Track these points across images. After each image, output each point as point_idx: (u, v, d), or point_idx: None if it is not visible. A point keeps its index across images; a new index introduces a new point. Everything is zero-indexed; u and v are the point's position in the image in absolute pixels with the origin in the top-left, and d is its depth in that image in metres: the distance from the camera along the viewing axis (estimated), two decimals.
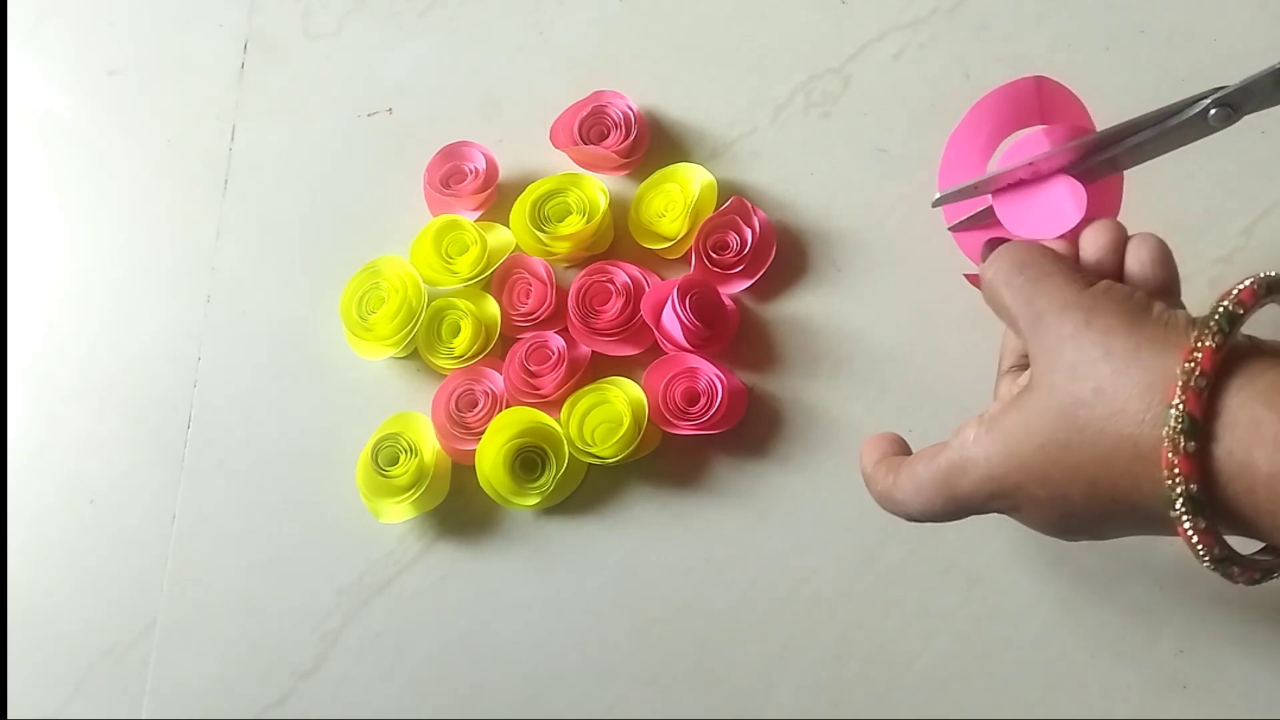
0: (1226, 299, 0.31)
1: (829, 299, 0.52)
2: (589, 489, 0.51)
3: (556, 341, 0.51)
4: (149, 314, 0.56)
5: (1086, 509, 0.33)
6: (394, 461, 0.50)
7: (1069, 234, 0.39)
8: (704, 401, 0.49)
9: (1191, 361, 0.30)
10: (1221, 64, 0.52)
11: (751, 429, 0.51)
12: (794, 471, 0.50)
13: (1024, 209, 0.40)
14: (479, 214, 0.54)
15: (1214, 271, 0.50)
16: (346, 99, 0.58)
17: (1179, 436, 0.30)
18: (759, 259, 0.52)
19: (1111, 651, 0.47)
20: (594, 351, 0.51)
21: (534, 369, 0.50)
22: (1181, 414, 0.30)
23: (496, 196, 0.55)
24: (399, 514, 0.50)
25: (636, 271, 0.52)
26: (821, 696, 0.48)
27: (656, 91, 0.55)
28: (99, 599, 0.53)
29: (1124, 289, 0.34)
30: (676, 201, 0.52)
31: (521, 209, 0.52)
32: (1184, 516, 0.30)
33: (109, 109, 0.60)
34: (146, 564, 0.53)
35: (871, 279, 0.52)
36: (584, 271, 0.52)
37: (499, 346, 0.52)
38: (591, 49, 0.57)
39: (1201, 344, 0.30)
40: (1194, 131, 0.38)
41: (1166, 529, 0.31)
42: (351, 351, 0.53)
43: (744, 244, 0.51)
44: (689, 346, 0.50)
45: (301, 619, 0.52)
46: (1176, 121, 0.38)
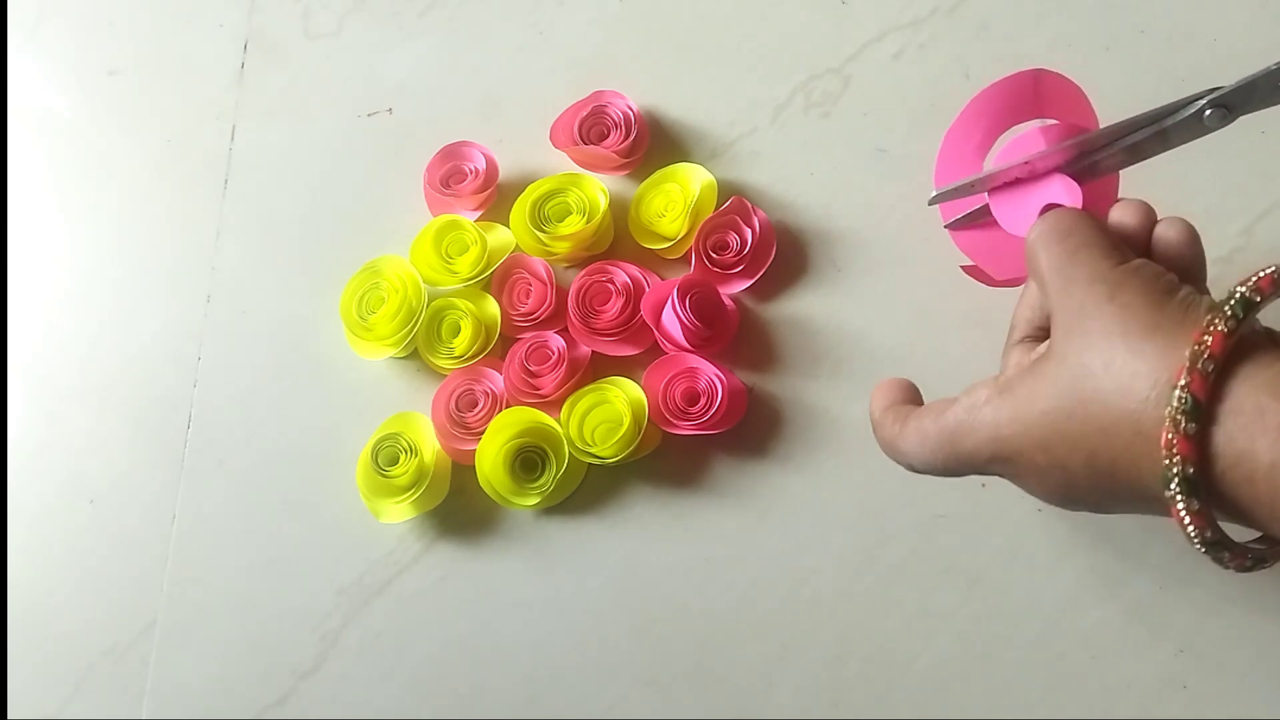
0: (1244, 285, 0.31)
1: (829, 299, 0.52)
2: (589, 489, 0.51)
3: (556, 341, 0.51)
4: (149, 314, 0.56)
5: (1085, 481, 0.33)
6: (394, 461, 0.50)
7: None
8: (704, 401, 0.49)
9: (1201, 344, 0.30)
10: (1221, 64, 0.52)
11: (751, 429, 0.51)
12: (794, 471, 0.50)
13: (1019, 207, 0.40)
14: (479, 214, 0.54)
15: (1214, 271, 0.49)
16: (346, 99, 0.58)
17: (1180, 417, 0.30)
18: (759, 259, 0.52)
19: (1111, 651, 0.47)
20: (594, 351, 0.51)
21: (534, 369, 0.50)
22: (1185, 395, 0.30)
23: (496, 196, 0.55)
24: (399, 514, 0.50)
25: (636, 271, 0.52)
26: (821, 696, 0.48)
27: (656, 91, 0.55)
28: (99, 599, 0.53)
29: (1155, 269, 0.34)
30: (676, 201, 0.52)
31: (521, 209, 0.52)
32: (1178, 497, 0.30)
33: (109, 109, 0.60)
34: (146, 564, 0.53)
35: (871, 279, 0.52)
36: (584, 271, 0.52)
37: (499, 346, 0.52)
38: (591, 49, 0.57)
39: (1214, 328, 0.30)
40: (1190, 132, 0.38)
41: (1161, 509, 0.31)
42: (351, 351, 0.53)
43: (744, 244, 0.51)
44: (689, 346, 0.50)
45: (301, 619, 0.52)
46: (1173, 121, 0.38)
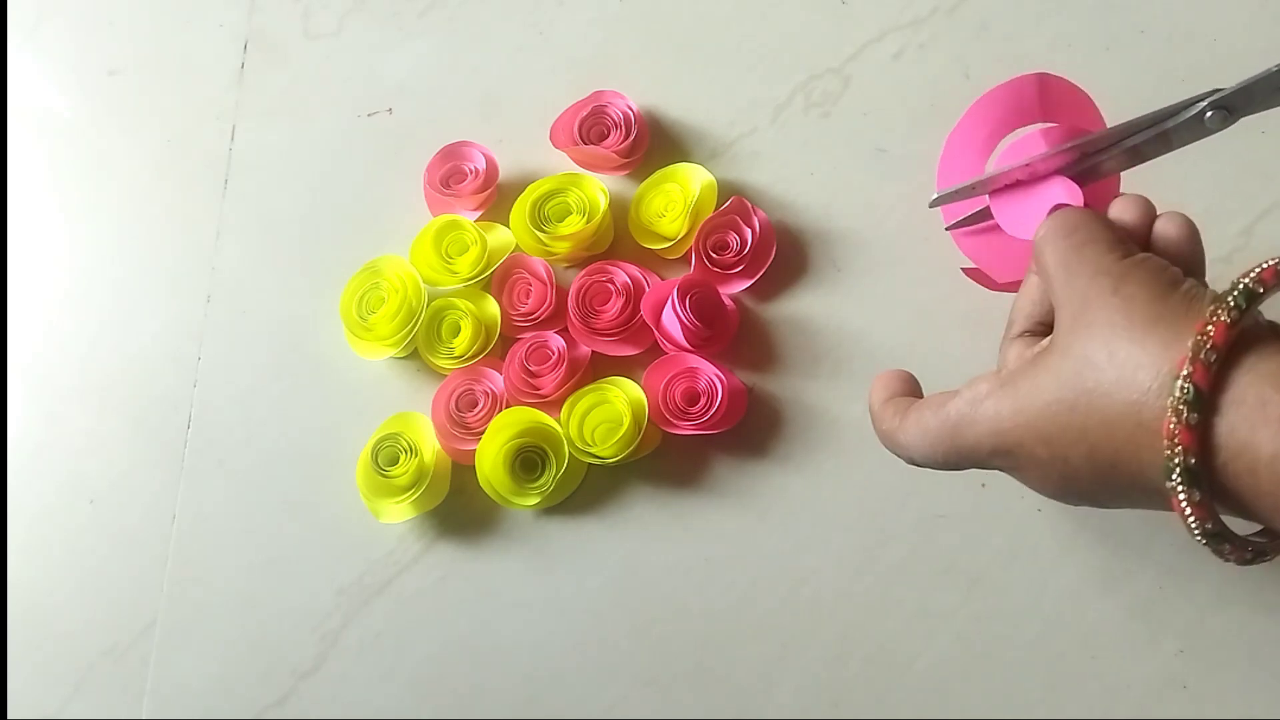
0: (1247, 276, 0.31)
1: (829, 299, 0.52)
2: (589, 489, 0.51)
3: (556, 341, 0.51)
4: (149, 314, 0.56)
5: (1086, 474, 0.33)
6: (394, 461, 0.50)
7: None
8: (704, 401, 0.49)
9: (1204, 335, 0.30)
10: (1221, 64, 0.52)
11: (751, 429, 0.51)
12: (794, 471, 0.50)
13: (1019, 209, 0.40)
14: (479, 214, 0.54)
15: (1214, 271, 0.49)
16: (346, 99, 0.58)
17: (1183, 407, 0.29)
18: (759, 259, 0.52)
19: (1111, 651, 0.47)
20: (594, 351, 0.51)
21: (534, 369, 0.50)
22: (1188, 385, 0.30)
23: (496, 196, 0.55)
24: (399, 514, 0.50)
25: (636, 271, 0.52)
26: (821, 696, 0.48)
27: (656, 91, 0.55)
28: (99, 599, 0.53)
29: (1159, 263, 0.34)
30: (676, 201, 0.52)
31: (521, 209, 0.52)
32: (1179, 488, 0.30)
33: (109, 109, 0.60)
34: (146, 564, 0.53)
35: (871, 279, 0.52)
36: (584, 271, 0.52)
37: (499, 346, 0.52)
38: (591, 49, 0.57)
39: (1216, 318, 0.30)
40: (1191, 133, 0.38)
41: (1163, 502, 0.31)
42: (351, 351, 0.53)
43: (744, 244, 0.51)
44: (689, 346, 0.50)
45: (301, 619, 0.52)
46: (1174, 123, 0.38)
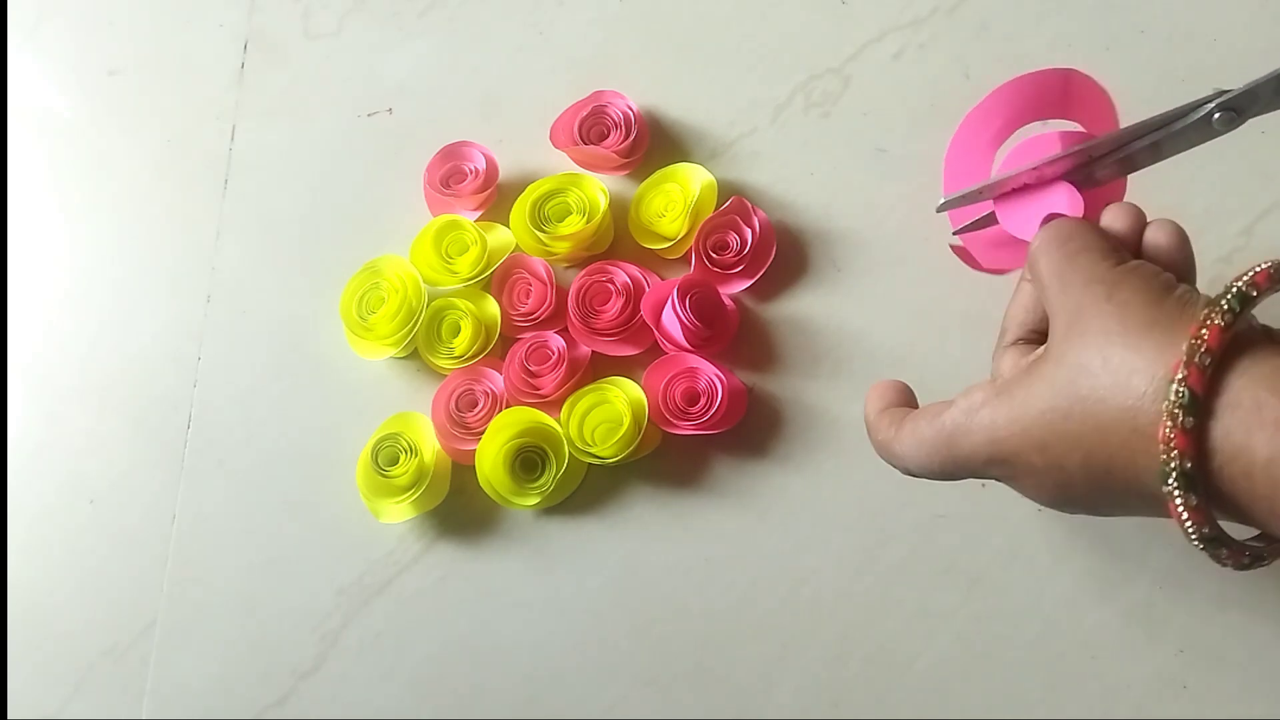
0: (1241, 280, 0.31)
1: (829, 299, 0.52)
2: (589, 489, 0.51)
3: (556, 341, 0.51)
4: (149, 314, 0.56)
5: (1082, 481, 0.33)
6: (394, 461, 0.50)
7: None
8: (704, 401, 0.49)
9: (1198, 338, 0.30)
10: (1221, 64, 0.52)
11: (751, 429, 0.51)
12: (794, 471, 0.50)
13: (1022, 214, 0.40)
14: (479, 214, 0.54)
15: (1214, 271, 0.50)
16: (346, 99, 0.58)
17: (1178, 411, 0.29)
18: (759, 259, 0.52)
19: (1111, 651, 0.47)
20: (594, 351, 0.51)
21: (534, 369, 0.50)
22: (1183, 389, 0.29)
23: (496, 196, 0.55)
24: (399, 514, 0.50)
25: (636, 271, 0.52)
26: (821, 696, 0.48)
27: (656, 91, 0.55)
28: (99, 599, 0.53)
29: (1152, 269, 0.34)
30: (676, 201, 0.52)
31: (521, 209, 0.52)
32: (1176, 492, 0.30)
33: (109, 109, 0.60)
34: (146, 564, 0.53)
35: (871, 279, 0.52)
36: (584, 271, 0.52)
37: (499, 346, 0.52)
38: (591, 49, 0.57)
39: (1210, 322, 0.30)
40: (1198, 135, 0.38)
41: (1159, 507, 0.31)
42: (351, 351, 0.53)
43: (744, 244, 0.51)
44: (689, 346, 0.50)
45: (301, 619, 0.52)
46: (1181, 125, 0.38)
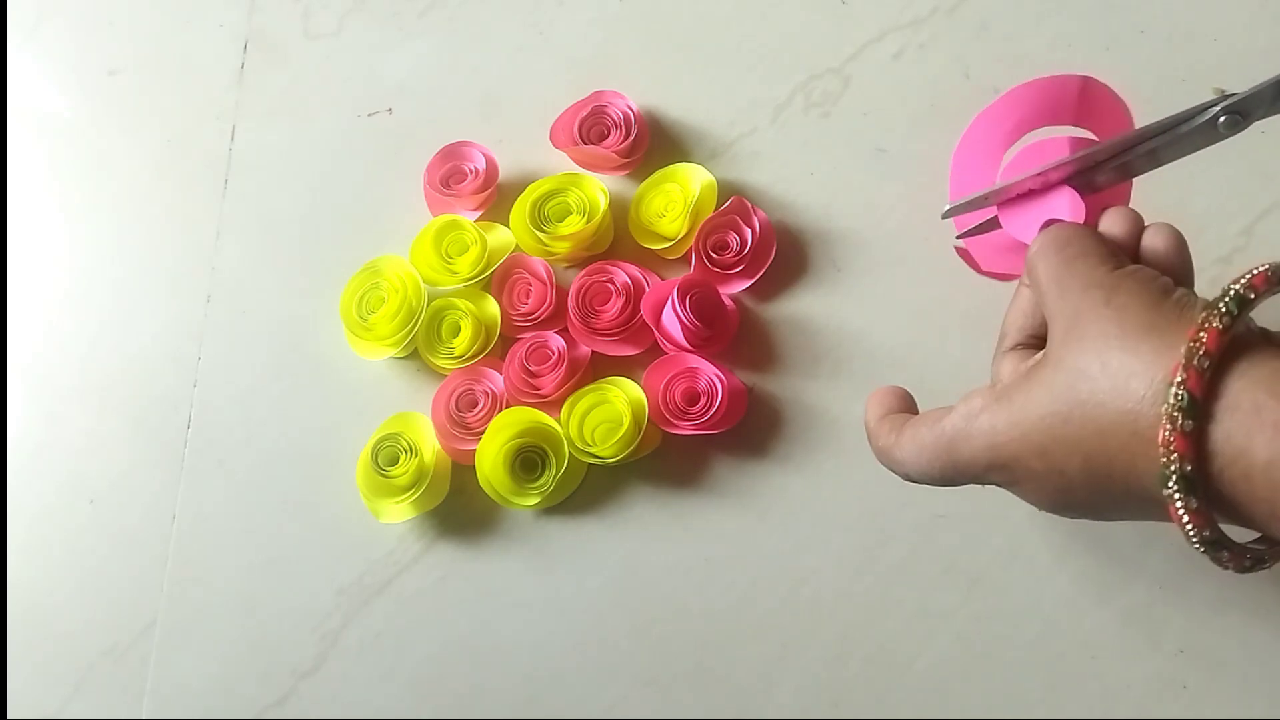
0: (1238, 282, 0.31)
1: (829, 299, 0.52)
2: (589, 489, 0.51)
3: (556, 341, 0.51)
4: (149, 314, 0.56)
5: (1082, 485, 0.33)
6: (394, 461, 0.50)
7: None
8: (704, 401, 0.49)
9: (1197, 341, 0.30)
10: (1221, 64, 0.52)
11: (751, 429, 0.51)
12: (794, 471, 0.50)
13: (1025, 218, 0.40)
14: (479, 214, 0.54)
15: (1214, 271, 0.50)
16: (346, 99, 0.58)
17: (1177, 414, 0.29)
18: (759, 259, 0.52)
19: (1111, 651, 0.47)
20: (594, 351, 0.51)
21: (534, 369, 0.50)
22: (1182, 392, 0.29)
23: (496, 196, 0.55)
24: (399, 514, 0.50)
25: (636, 271, 0.52)
26: (821, 696, 0.48)
27: (656, 91, 0.55)
28: (99, 599, 0.53)
29: (1150, 273, 0.34)
30: (676, 201, 0.52)
31: (521, 209, 0.52)
32: (1176, 495, 0.30)
33: (109, 109, 0.60)
34: (146, 564, 0.53)
35: (871, 279, 0.52)
36: (584, 271, 0.52)
37: (499, 346, 0.52)
38: (591, 49, 0.57)
39: (1208, 324, 0.30)
40: (1203, 138, 0.38)
41: (1160, 511, 0.31)
42: (351, 351, 0.53)
43: (744, 244, 0.51)
44: (689, 346, 0.50)
45: (301, 619, 0.52)
46: (1187, 128, 0.38)
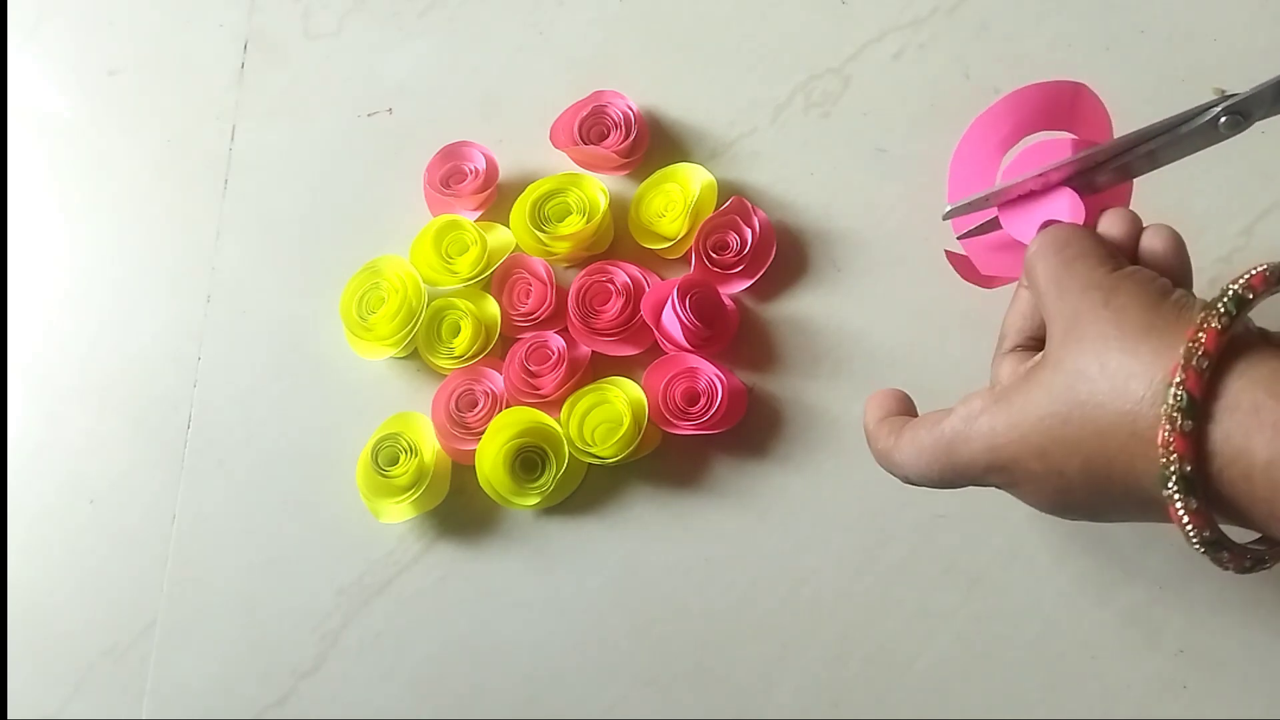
0: (1237, 282, 0.31)
1: (829, 299, 0.52)
2: (589, 489, 0.51)
3: (556, 341, 0.51)
4: (149, 314, 0.56)
5: (1082, 486, 0.33)
6: (394, 461, 0.50)
7: None
8: (704, 401, 0.49)
9: (1195, 341, 0.30)
10: (1221, 64, 0.52)
11: (751, 429, 0.51)
12: (794, 471, 0.50)
13: (1026, 218, 0.40)
14: (479, 214, 0.54)
15: (1214, 271, 0.50)
16: (346, 99, 0.58)
17: (1177, 415, 0.29)
18: (759, 259, 0.52)
19: (1111, 651, 0.47)
20: (594, 351, 0.51)
21: (534, 369, 0.50)
22: (1181, 392, 0.29)
23: (496, 196, 0.54)
24: (399, 514, 0.50)
25: (636, 271, 0.52)
26: (821, 696, 0.48)
27: (656, 91, 0.55)
28: (99, 599, 0.53)
29: (1148, 274, 0.34)
30: (676, 201, 0.52)
31: (521, 209, 0.52)
32: (1176, 496, 0.30)
33: (109, 109, 0.60)
34: (146, 564, 0.53)
35: (871, 279, 0.52)
36: (584, 271, 0.52)
37: (499, 346, 0.52)
38: (591, 49, 0.57)
39: (1207, 325, 0.30)
40: (1204, 139, 0.38)
41: (1159, 512, 0.31)
42: (351, 351, 0.53)
43: (744, 244, 0.51)
44: (689, 346, 0.50)
45: (301, 619, 0.52)
46: (1187, 129, 0.38)
